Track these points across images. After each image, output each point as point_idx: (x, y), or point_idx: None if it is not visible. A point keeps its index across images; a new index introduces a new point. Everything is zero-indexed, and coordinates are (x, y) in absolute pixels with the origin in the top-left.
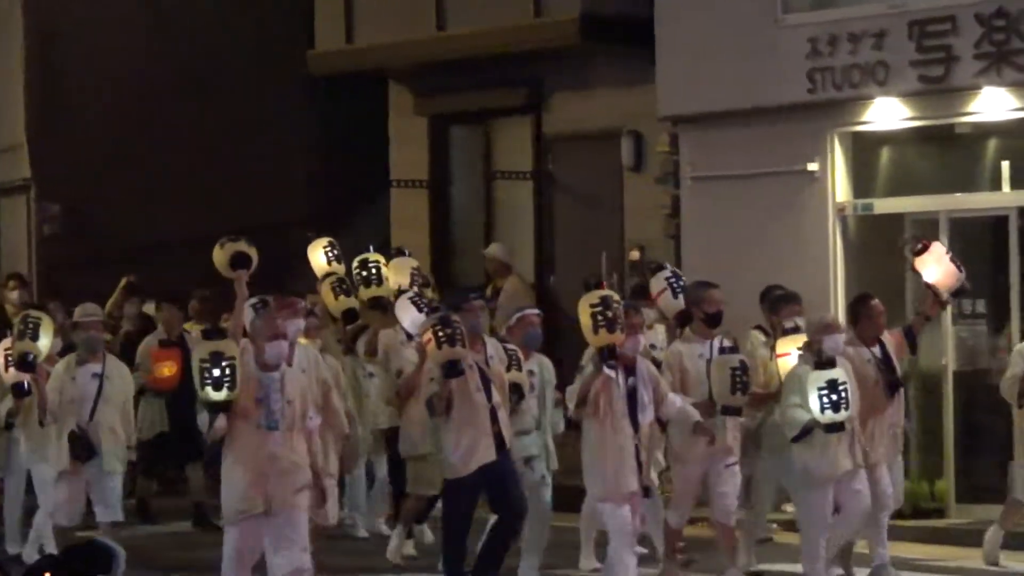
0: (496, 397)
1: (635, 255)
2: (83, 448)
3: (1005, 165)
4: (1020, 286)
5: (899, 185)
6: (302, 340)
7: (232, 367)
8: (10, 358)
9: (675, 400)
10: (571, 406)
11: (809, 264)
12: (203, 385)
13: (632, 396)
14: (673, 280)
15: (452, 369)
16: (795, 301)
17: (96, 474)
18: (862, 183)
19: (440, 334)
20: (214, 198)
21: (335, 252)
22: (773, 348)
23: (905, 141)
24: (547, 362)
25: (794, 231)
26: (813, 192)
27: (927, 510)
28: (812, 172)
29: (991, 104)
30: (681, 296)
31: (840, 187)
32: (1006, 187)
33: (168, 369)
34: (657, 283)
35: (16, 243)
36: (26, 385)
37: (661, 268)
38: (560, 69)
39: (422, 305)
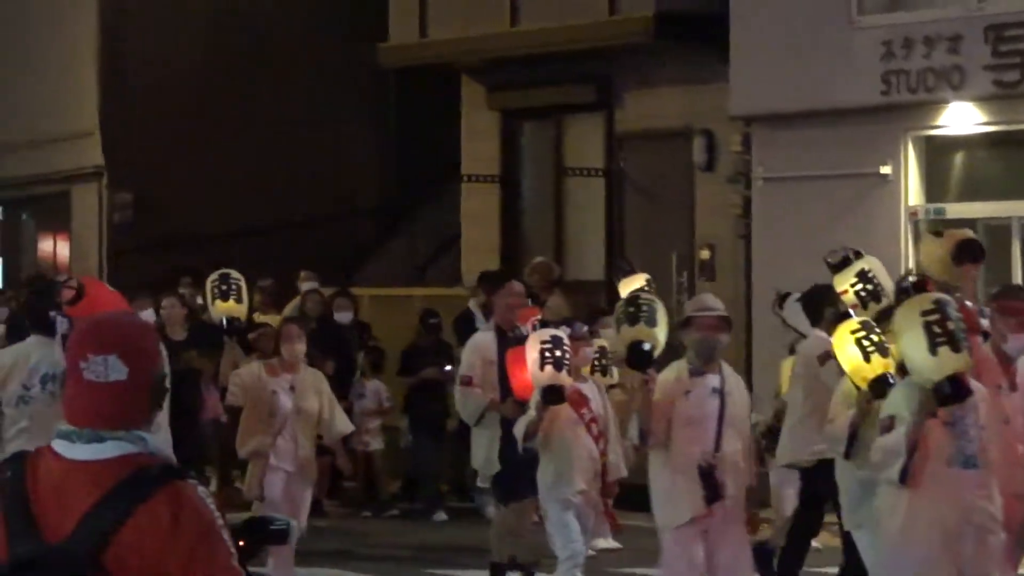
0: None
1: (705, 254)
2: None
3: None
4: None
5: (972, 190)
6: None
7: None
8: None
9: None
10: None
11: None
12: None
13: None
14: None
15: (554, 395)
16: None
17: None
18: (934, 187)
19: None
20: (281, 188)
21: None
22: None
23: (978, 146)
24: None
25: (865, 234)
26: (885, 195)
27: None
28: (885, 175)
29: None
30: None
31: (912, 191)
32: None
33: None
34: None
35: (87, 230)
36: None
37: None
38: (632, 66)
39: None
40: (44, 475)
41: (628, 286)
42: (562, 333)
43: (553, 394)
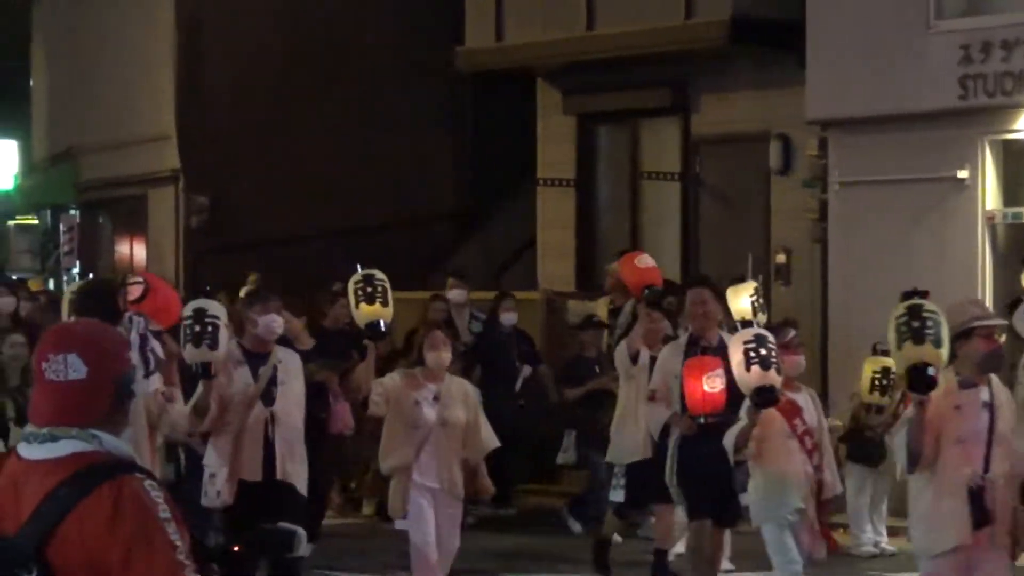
0: None
1: (781, 259)
2: None
3: None
4: None
5: None
6: None
7: None
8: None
9: None
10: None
11: (956, 272)
12: None
13: None
14: None
15: (766, 396)
16: None
17: None
18: (1012, 191)
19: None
20: (357, 192)
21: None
22: None
23: None
24: None
25: (941, 238)
26: (962, 199)
27: None
28: (962, 179)
29: None
30: None
31: (990, 195)
32: None
33: None
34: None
35: (163, 232)
36: None
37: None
38: (708, 70)
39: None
40: (6, 475)
41: (737, 294)
42: (765, 331)
43: (764, 395)
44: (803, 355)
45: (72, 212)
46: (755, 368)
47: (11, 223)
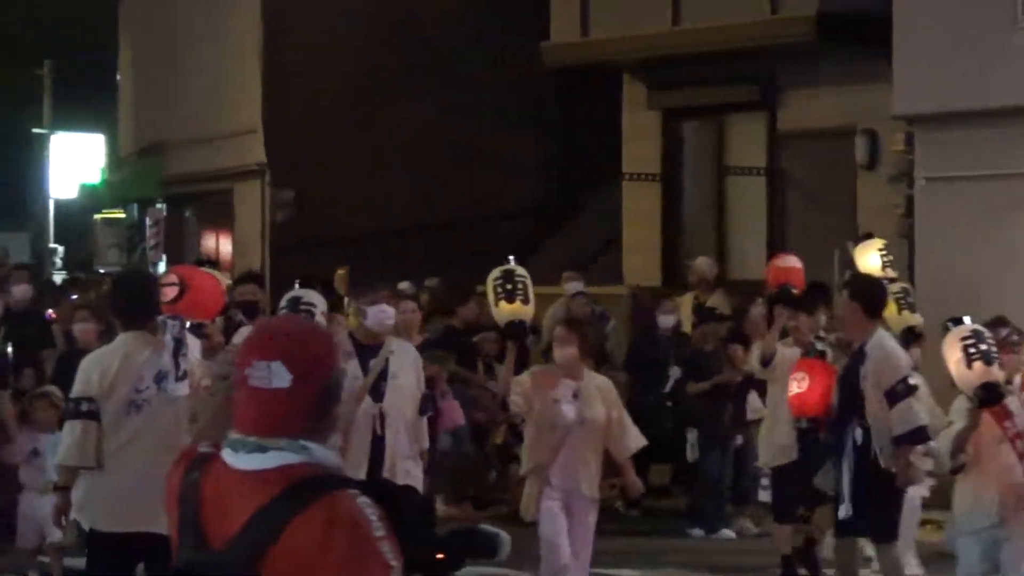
0: None
1: None
2: None
3: None
4: None
5: None
6: None
7: None
8: None
9: None
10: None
11: None
12: None
13: None
14: None
15: (992, 393)
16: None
17: None
18: None
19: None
20: (441, 187)
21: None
22: None
23: None
24: None
25: None
26: None
27: None
28: None
29: None
30: None
31: None
32: None
33: None
34: None
35: (249, 227)
36: None
37: None
38: (793, 66)
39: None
40: (212, 482)
41: (865, 251)
42: (980, 326)
43: (991, 392)
44: (1022, 353)
45: (158, 206)
46: (977, 364)
47: (98, 217)
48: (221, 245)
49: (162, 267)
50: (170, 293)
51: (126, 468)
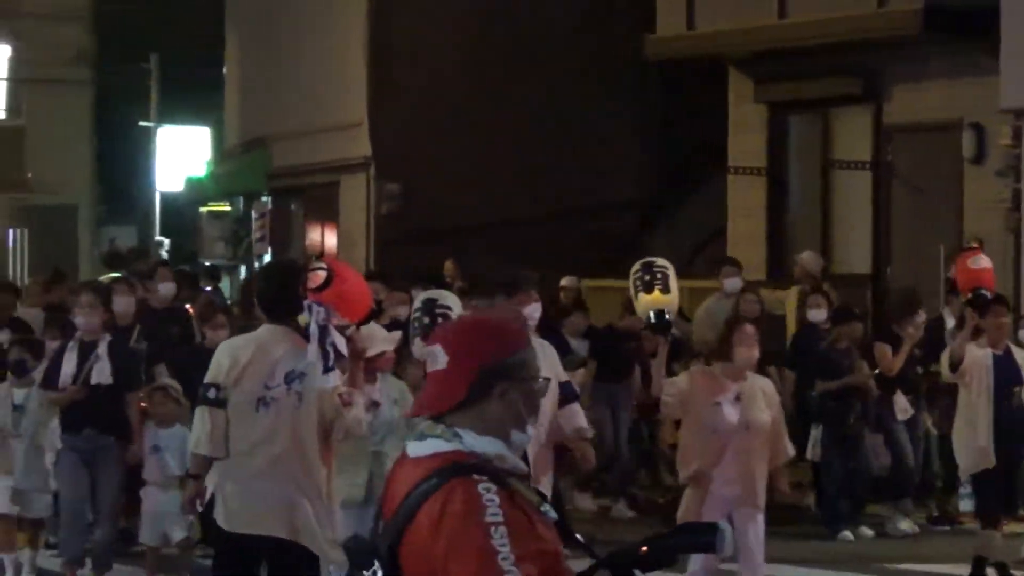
0: None
1: None
2: None
3: None
4: None
5: None
6: None
7: None
8: None
9: None
10: None
11: None
12: None
13: None
14: None
15: None
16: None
17: None
18: None
19: None
20: (544, 181)
21: None
22: None
23: None
24: None
25: None
26: None
27: None
28: None
29: None
30: None
31: None
32: None
33: None
34: None
35: (354, 219)
36: None
37: None
38: (900, 59)
39: None
40: (398, 466)
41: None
42: None
43: None
44: None
45: (264, 199)
46: None
47: (203, 210)
48: (326, 238)
49: (267, 260)
50: (317, 279)
51: (253, 469)
